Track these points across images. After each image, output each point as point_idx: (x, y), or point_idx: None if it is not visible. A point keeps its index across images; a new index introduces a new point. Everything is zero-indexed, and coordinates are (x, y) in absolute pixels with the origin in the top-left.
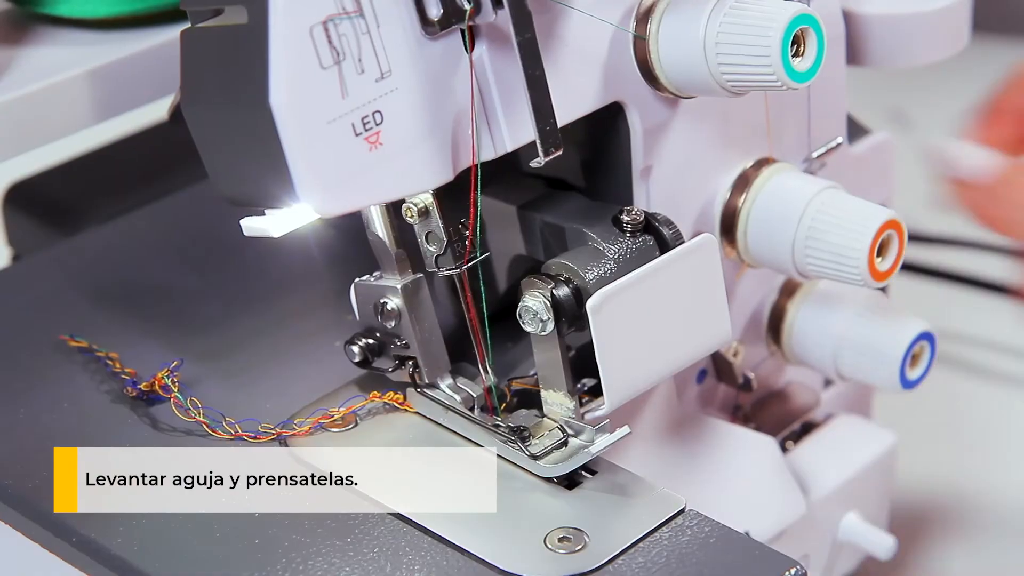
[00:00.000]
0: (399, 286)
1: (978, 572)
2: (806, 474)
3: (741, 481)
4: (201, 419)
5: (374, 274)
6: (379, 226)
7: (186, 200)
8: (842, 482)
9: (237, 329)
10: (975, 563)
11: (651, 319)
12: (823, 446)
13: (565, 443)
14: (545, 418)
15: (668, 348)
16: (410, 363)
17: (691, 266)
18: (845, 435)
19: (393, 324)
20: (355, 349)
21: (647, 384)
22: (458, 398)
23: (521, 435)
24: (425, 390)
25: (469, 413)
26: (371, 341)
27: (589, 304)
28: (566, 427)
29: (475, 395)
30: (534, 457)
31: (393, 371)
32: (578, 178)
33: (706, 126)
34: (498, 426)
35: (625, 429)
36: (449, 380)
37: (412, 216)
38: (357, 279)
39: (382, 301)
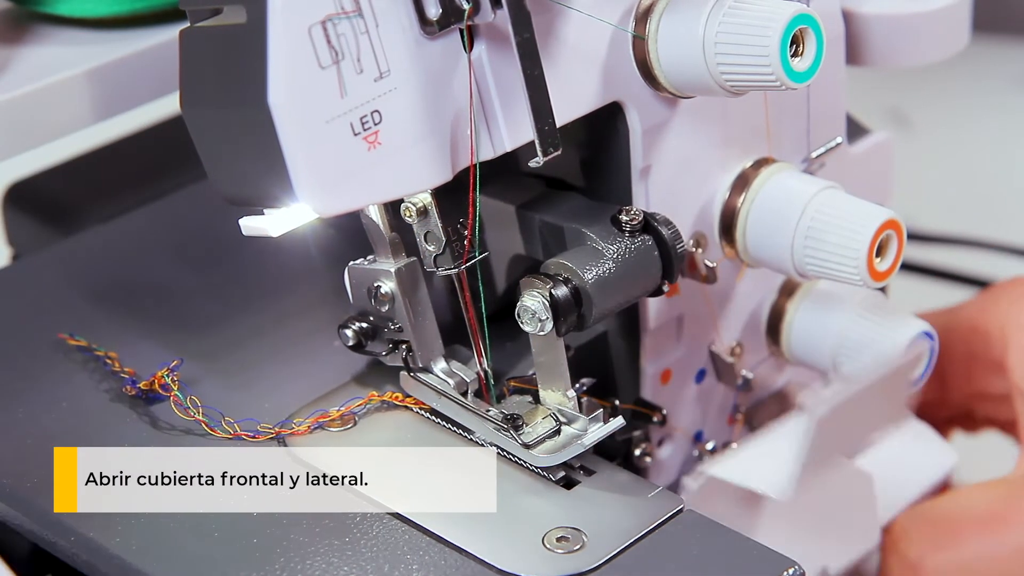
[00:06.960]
0: (393, 270)
1: None
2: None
3: (830, 518)
4: (200, 418)
5: (368, 257)
6: (373, 210)
7: (186, 200)
8: (904, 504)
9: (236, 328)
10: None
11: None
12: (889, 460)
13: (558, 431)
14: (539, 405)
15: None
16: (403, 347)
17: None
18: (911, 449)
19: (387, 308)
20: (348, 332)
21: None
22: (451, 382)
23: (514, 423)
24: (418, 374)
25: (462, 399)
26: (364, 325)
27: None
28: (559, 415)
29: (468, 380)
30: (526, 446)
31: (387, 355)
32: (577, 178)
33: (705, 126)
34: (489, 411)
35: (619, 420)
36: (443, 364)
37: (411, 216)
38: (351, 262)
39: (376, 285)
